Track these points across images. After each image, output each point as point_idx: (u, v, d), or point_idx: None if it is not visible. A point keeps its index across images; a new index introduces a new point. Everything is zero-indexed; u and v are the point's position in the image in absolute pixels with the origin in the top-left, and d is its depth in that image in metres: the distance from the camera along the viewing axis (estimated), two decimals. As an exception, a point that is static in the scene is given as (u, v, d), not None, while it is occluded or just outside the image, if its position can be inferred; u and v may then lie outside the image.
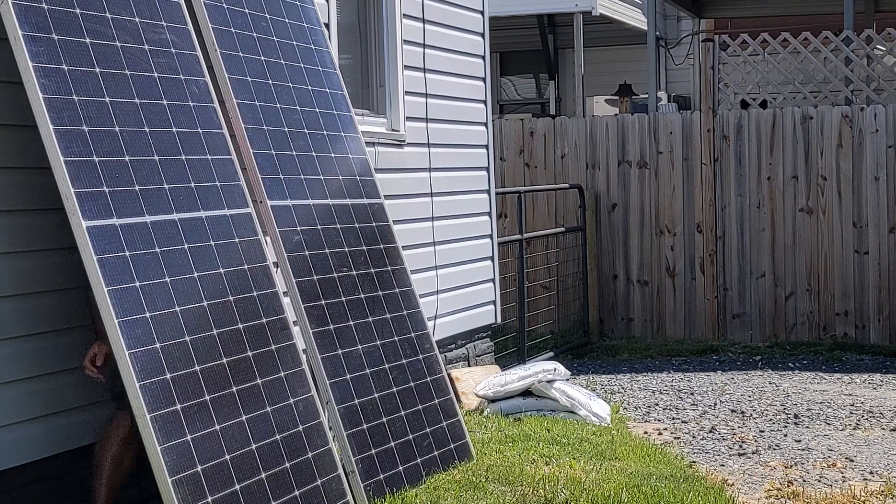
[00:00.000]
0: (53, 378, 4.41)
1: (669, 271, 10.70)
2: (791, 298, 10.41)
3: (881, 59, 10.71)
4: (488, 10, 8.37)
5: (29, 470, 4.32)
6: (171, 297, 4.05)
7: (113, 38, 4.31)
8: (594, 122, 10.97)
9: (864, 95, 10.52)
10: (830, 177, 10.27)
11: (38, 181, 4.29)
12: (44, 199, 4.32)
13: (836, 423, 7.28)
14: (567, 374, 7.36)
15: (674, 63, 15.49)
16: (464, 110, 7.94)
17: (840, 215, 10.26)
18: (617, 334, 10.85)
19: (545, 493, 5.18)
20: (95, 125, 4.08)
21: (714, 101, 10.61)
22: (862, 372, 9.14)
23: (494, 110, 13.77)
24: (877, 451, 6.54)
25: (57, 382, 4.42)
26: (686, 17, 14.96)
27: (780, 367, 9.38)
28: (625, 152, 10.79)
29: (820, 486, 5.81)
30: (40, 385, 4.36)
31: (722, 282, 10.57)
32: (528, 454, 5.95)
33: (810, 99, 10.55)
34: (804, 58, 10.64)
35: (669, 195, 10.68)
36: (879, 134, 10.14)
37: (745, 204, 10.49)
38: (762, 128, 10.42)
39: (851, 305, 10.27)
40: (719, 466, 6.24)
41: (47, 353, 4.39)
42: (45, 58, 3.98)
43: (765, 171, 10.42)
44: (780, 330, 10.44)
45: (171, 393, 3.93)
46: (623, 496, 5.13)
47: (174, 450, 3.86)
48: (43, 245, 4.38)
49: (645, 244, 10.76)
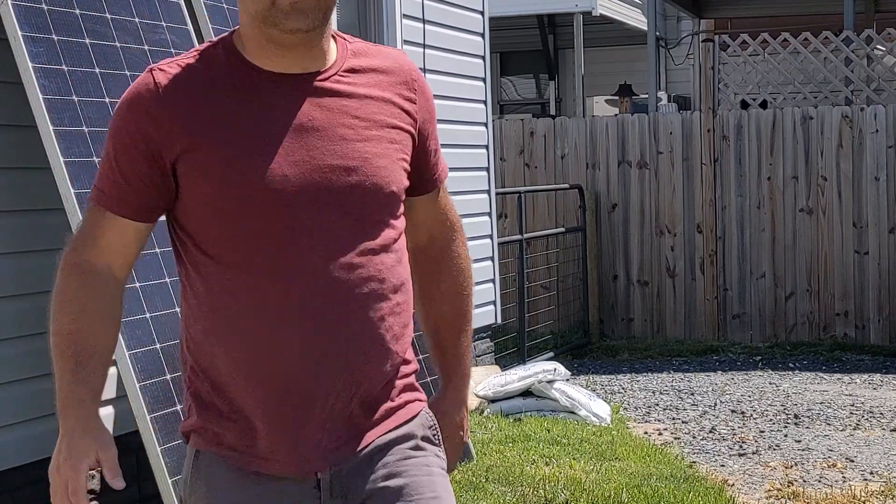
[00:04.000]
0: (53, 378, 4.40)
1: (669, 271, 10.70)
2: (791, 299, 10.41)
3: (881, 59, 10.71)
4: (488, 10, 8.37)
5: (29, 470, 4.32)
6: (172, 298, 4.05)
7: (113, 38, 4.31)
8: (594, 122, 10.97)
9: (865, 95, 10.52)
10: (830, 177, 10.27)
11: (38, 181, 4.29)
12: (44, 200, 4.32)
13: (837, 424, 7.28)
14: (567, 375, 7.36)
15: (674, 63, 15.50)
16: (464, 110, 7.94)
17: (840, 215, 10.26)
18: (617, 334, 10.85)
19: (545, 493, 5.18)
20: (96, 126, 4.08)
21: (714, 102, 10.61)
22: (862, 372, 9.14)
23: (494, 110, 13.76)
24: (877, 452, 6.54)
25: (57, 383, 4.41)
26: (686, 17, 14.96)
27: (780, 367, 9.38)
28: (625, 152, 10.79)
29: (820, 486, 5.81)
30: (41, 385, 4.36)
31: (722, 282, 10.57)
32: (528, 454, 5.95)
33: (810, 99, 10.55)
34: (804, 58, 10.64)
35: (669, 195, 10.68)
36: (879, 134, 10.14)
37: (745, 204, 10.49)
38: (762, 128, 10.42)
39: (851, 306, 10.27)
40: (719, 467, 6.24)
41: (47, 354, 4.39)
42: (45, 58, 3.98)
43: (765, 171, 10.42)
44: (780, 330, 10.44)
45: (171, 393, 3.93)
46: (623, 496, 5.13)
47: (175, 450, 3.85)
48: (43, 245, 4.38)
49: (645, 244, 10.76)
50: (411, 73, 2.20)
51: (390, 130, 2.12)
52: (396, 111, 2.14)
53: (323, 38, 2.07)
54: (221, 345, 2.04)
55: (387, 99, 2.13)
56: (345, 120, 2.07)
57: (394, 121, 2.13)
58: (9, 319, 4.25)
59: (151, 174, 2.04)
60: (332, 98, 2.07)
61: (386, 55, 2.19)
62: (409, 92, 2.17)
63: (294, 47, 2.04)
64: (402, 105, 2.15)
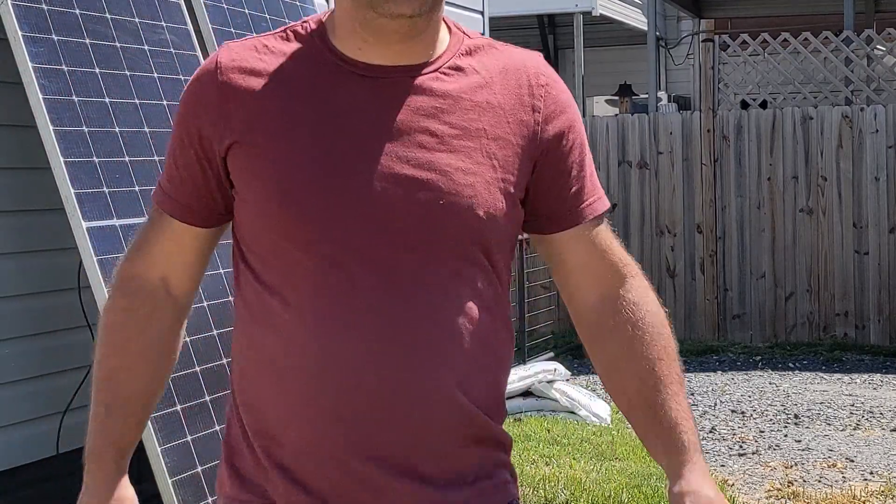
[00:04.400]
0: (54, 378, 4.41)
1: (669, 272, 10.70)
2: (791, 299, 10.41)
3: (881, 59, 10.70)
4: (488, 10, 8.37)
5: (29, 470, 4.32)
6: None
7: (113, 38, 4.31)
8: (594, 122, 10.97)
9: (864, 95, 10.51)
10: (830, 177, 10.27)
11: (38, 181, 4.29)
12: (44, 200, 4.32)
13: (837, 424, 7.28)
14: (567, 375, 7.36)
15: (674, 63, 15.49)
16: (464, 110, 7.93)
17: (840, 216, 10.26)
18: (617, 334, 10.84)
19: (545, 493, 5.18)
20: (95, 126, 4.08)
21: (714, 102, 10.61)
22: (862, 372, 9.14)
23: (494, 110, 13.72)
24: (877, 452, 6.54)
25: (57, 383, 4.42)
26: (686, 17, 14.96)
27: (780, 367, 9.38)
28: (625, 153, 10.79)
29: (820, 486, 5.81)
30: (41, 386, 4.36)
31: (722, 282, 10.57)
32: (528, 454, 5.95)
33: (810, 99, 10.55)
34: (804, 58, 10.64)
35: (669, 195, 10.68)
36: (879, 134, 10.14)
37: (745, 204, 10.49)
38: (762, 128, 10.42)
39: (851, 306, 10.27)
40: (719, 467, 6.24)
41: (48, 354, 4.39)
42: (45, 58, 3.98)
43: (765, 171, 10.42)
44: (780, 330, 10.44)
45: (171, 393, 3.93)
46: (623, 496, 5.13)
47: (174, 450, 3.85)
48: (43, 246, 4.38)
49: (645, 244, 10.76)
50: (538, 76, 1.77)
51: (490, 142, 1.70)
52: (507, 120, 1.72)
53: (429, 27, 1.70)
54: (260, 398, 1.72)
55: (495, 104, 1.72)
56: (431, 125, 1.68)
57: (498, 131, 1.71)
58: (9, 319, 4.25)
59: (203, 170, 1.74)
60: (423, 97, 1.69)
61: (511, 55, 1.79)
62: (530, 98, 1.75)
63: (391, 35, 1.68)
64: (517, 114, 1.73)
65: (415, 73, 1.70)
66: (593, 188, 1.80)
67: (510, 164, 1.71)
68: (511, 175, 1.71)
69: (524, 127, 1.73)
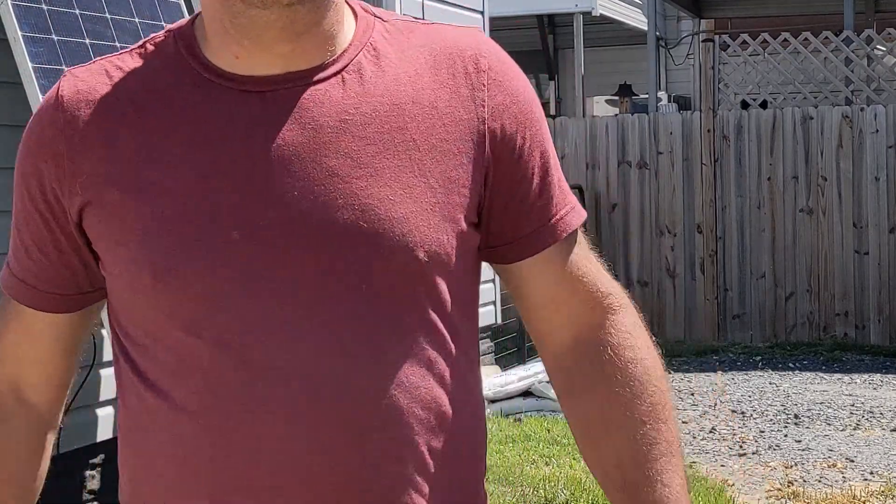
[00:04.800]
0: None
1: (669, 272, 10.70)
2: (791, 299, 10.41)
3: (881, 59, 10.71)
4: (488, 10, 8.37)
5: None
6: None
7: (113, 38, 4.31)
8: (594, 122, 10.97)
9: (865, 95, 10.52)
10: (830, 177, 10.27)
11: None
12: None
13: (837, 424, 7.28)
14: (567, 375, 7.37)
15: (674, 63, 15.50)
16: (464, 110, 7.93)
17: (840, 216, 10.26)
18: (617, 334, 10.84)
19: (545, 493, 5.18)
20: (95, 125, 4.08)
21: (714, 102, 10.61)
22: (862, 372, 9.14)
23: (494, 110, 13.73)
24: (877, 452, 6.54)
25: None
26: (686, 17, 14.96)
27: (780, 367, 9.38)
28: (625, 152, 10.79)
29: (820, 486, 5.81)
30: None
31: (722, 282, 10.57)
32: (528, 454, 5.95)
33: (810, 99, 10.55)
34: (804, 58, 10.64)
35: (669, 195, 10.68)
36: (879, 134, 10.14)
37: (745, 204, 10.49)
38: (762, 128, 10.42)
39: (851, 306, 10.27)
40: (719, 467, 6.24)
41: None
42: (45, 58, 3.98)
43: (765, 171, 10.42)
44: (780, 330, 10.43)
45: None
46: (623, 496, 5.13)
47: None
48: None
49: (645, 245, 10.76)
50: (477, 59, 1.34)
51: (423, 156, 1.29)
52: (442, 123, 1.30)
53: (321, 19, 1.29)
54: None
55: (425, 104, 1.30)
56: (341, 143, 1.26)
57: (432, 139, 1.29)
58: (9, 319, 4.25)
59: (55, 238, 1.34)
60: (325, 108, 1.28)
61: (439, 36, 1.37)
62: (469, 89, 1.32)
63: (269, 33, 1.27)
64: (454, 112, 1.31)
65: (310, 80, 1.29)
66: (563, 197, 1.39)
67: (452, 180, 1.29)
68: (456, 195, 1.29)
69: (466, 128, 1.31)
